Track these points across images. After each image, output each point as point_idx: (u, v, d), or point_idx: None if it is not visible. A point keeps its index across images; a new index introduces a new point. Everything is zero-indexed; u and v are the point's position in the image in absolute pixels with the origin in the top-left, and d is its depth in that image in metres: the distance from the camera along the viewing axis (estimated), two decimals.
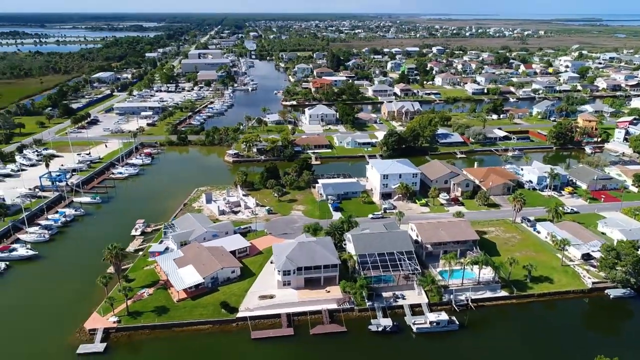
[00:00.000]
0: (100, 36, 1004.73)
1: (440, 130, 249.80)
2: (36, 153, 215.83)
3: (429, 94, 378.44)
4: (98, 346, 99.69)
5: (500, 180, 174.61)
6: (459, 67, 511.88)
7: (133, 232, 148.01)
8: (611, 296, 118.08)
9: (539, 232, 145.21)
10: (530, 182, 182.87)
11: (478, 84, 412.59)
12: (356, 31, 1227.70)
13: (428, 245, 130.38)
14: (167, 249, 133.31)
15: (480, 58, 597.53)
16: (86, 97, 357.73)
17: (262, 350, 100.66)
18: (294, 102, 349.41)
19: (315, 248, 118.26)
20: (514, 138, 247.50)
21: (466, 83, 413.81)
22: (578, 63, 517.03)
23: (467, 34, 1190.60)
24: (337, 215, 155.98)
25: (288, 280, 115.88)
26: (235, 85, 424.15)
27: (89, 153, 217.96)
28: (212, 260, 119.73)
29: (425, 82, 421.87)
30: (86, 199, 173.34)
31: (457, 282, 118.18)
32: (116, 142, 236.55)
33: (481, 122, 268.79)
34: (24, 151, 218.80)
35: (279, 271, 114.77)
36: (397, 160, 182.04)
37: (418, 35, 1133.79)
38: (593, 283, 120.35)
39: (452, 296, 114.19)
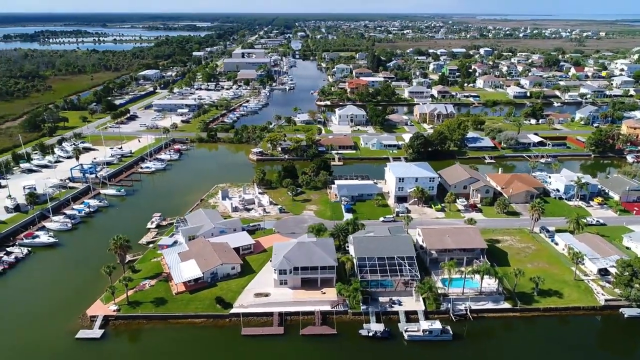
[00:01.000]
0: (155, 35, 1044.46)
1: (471, 134, 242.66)
2: (73, 146, 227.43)
3: (467, 96, 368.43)
4: (96, 332, 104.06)
5: (523, 187, 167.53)
6: (504, 69, 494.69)
7: (149, 225, 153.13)
8: (625, 315, 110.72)
9: (556, 244, 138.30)
10: (557, 190, 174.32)
11: (522, 87, 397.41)
12: (404, 32, 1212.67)
13: (433, 252, 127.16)
14: (175, 242, 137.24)
15: (530, 60, 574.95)
16: (130, 93, 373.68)
17: (250, 347, 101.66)
18: (328, 102, 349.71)
19: (314, 249, 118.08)
20: (549, 144, 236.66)
21: (509, 86, 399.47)
22: (635, 66, 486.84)
23: (521, 34, 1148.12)
24: (348, 217, 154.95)
25: (284, 279, 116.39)
26: (274, 84, 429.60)
27: (121, 147, 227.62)
28: (214, 255, 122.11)
29: (465, 84, 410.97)
30: (111, 191, 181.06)
31: (457, 290, 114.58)
32: (149, 138, 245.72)
33: (516, 126, 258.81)
34: (63, 144, 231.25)
35: (275, 270, 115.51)
36: (416, 164, 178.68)
37: (468, 36, 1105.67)
38: (606, 300, 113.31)
39: (449, 305, 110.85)
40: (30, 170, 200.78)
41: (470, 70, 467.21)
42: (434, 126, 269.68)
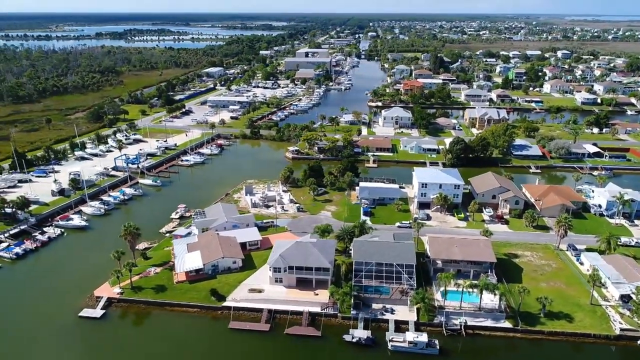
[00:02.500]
0: (231, 34, 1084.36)
1: (519, 142, 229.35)
2: (125, 137, 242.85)
3: (529, 101, 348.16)
4: (97, 312, 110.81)
5: (558, 200, 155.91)
6: (578, 73, 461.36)
7: (173, 215, 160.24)
8: None
9: (581, 264, 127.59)
10: (599, 206, 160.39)
11: (594, 92, 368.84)
12: (480, 32, 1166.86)
13: (438, 262, 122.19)
14: (189, 233, 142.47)
15: (612, 64, 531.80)
16: (191, 89, 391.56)
17: (234, 340, 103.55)
18: (380, 103, 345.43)
19: (311, 249, 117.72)
20: (606, 156, 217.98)
21: (579, 91, 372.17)
22: None
23: (610, 37, 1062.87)
24: (365, 220, 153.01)
25: (280, 277, 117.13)
26: (330, 84, 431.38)
27: (166, 140, 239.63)
28: (218, 248, 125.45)
29: (531, 89, 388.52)
30: (148, 181, 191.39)
31: (455, 304, 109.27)
32: (196, 132, 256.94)
33: (572, 135, 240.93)
34: (117, 135, 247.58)
35: (269, 267, 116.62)
36: (444, 170, 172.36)
37: (550, 37, 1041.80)
38: (622, 330, 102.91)
39: (443, 318, 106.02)
40: (82, 158, 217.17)
41: (540, 74, 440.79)
42: (482, 131, 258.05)
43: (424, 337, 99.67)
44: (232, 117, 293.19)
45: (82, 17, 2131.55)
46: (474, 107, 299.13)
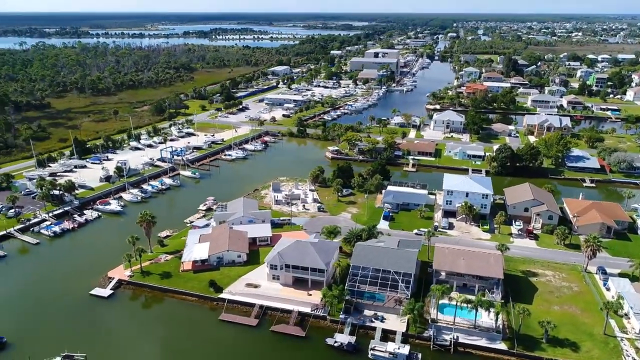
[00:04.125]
0: (310, 34, 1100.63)
1: (576, 152, 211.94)
2: (178, 130, 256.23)
3: (604, 109, 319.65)
4: (106, 292, 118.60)
5: (598, 218, 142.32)
6: None
7: (200, 207, 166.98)
8: None
9: (608, 289, 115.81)
10: None
11: None
12: (572, 34, 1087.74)
13: (442, 273, 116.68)
14: (207, 225, 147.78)
15: None
16: (255, 87, 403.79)
17: (222, 331, 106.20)
18: (438, 106, 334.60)
19: (309, 249, 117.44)
20: None
21: None
22: None
23: None
24: (384, 224, 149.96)
25: (277, 274, 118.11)
26: (393, 85, 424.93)
27: (213, 135, 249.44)
28: (225, 241, 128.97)
29: (611, 96, 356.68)
30: (188, 173, 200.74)
31: (449, 318, 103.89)
32: (246, 128, 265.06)
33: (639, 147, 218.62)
34: (172, 128, 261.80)
35: (266, 264, 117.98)
36: (476, 177, 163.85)
37: None
38: None
39: (433, 332, 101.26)
40: (136, 148, 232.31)
41: (625, 80, 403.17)
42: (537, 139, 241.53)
43: (405, 350, 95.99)
44: (283, 115, 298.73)
45: (176, 17, 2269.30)
46: (537, 114, 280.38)
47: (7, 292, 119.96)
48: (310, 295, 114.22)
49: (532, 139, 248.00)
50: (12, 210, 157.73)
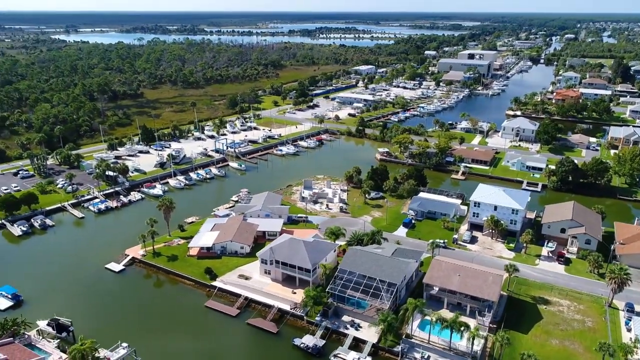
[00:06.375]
0: (414, 33, 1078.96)
1: None
2: (241, 124, 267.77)
3: None
4: (118, 267, 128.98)
5: None
6: None
7: (233, 197, 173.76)
8: None
9: (629, 330, 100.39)
10: None
11: None
12: None
13: (435, 288, 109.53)
14: (227, 215, 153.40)
15: None
16: (333, 85, 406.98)
17: (203, 317, 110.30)
18: (519, 113, 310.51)
19: (300, 248, 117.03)
20: None
21: None
22: None
23: None
24: (402, 231, 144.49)
25: (268, 269, 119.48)
26: (479, 88, 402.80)
27: (270, 129, 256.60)
28: (232, 232, 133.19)
29: None
30: (235, 164, 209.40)
31: (425, 336, 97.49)
32: (307, 125, 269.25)
33: None
34: (237, 121, 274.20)
35: (258, 257, 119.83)
36: (510, 191, 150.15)
37: None
38: None
39: (403, 347, 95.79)
40: (198, 139, 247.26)
41: None
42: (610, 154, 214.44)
43: None
44: (349, 114, 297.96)
45: (289, 16, 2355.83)
46: (625, 125, 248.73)
47: (39, 257, 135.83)
48: (295, 293, 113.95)
49: (612, 153, 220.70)
50: (71, 187, 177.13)
